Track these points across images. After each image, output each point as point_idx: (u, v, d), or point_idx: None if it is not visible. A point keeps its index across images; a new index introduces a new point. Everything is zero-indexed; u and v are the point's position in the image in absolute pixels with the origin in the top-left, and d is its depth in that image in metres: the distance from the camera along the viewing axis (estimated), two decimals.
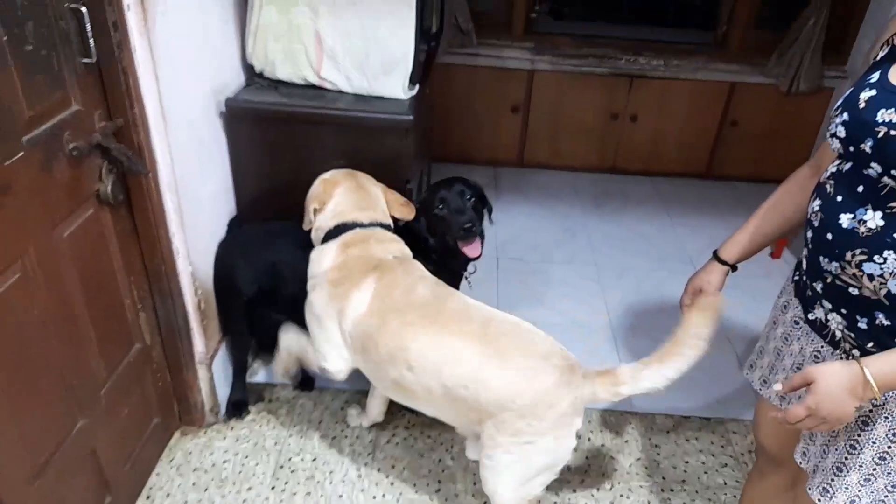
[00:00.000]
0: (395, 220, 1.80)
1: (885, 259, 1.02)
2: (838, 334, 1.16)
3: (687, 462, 2.07)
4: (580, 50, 3.54)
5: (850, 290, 1.09)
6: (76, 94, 1.38)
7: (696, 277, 1.48)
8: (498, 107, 3.70)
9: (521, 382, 1.40)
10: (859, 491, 1.15)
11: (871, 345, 1.10)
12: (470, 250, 1.84)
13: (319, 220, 1.71)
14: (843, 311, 1.13)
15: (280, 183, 2.03)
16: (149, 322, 1.79)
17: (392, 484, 1.95)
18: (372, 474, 1.98)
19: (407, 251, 1.71)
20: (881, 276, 1.03)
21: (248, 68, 2.08)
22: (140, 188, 1.61)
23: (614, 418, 2.21)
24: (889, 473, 1.12)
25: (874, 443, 1.13)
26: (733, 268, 1.45)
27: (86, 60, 1.38)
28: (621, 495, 1.95)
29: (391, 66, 1.91)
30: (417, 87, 2.02)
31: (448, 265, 1.91)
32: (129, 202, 1.63)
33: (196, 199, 1.84)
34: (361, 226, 1.67)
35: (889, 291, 1.04)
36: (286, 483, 1.93)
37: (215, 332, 2.05)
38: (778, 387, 1.11)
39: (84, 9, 1.34)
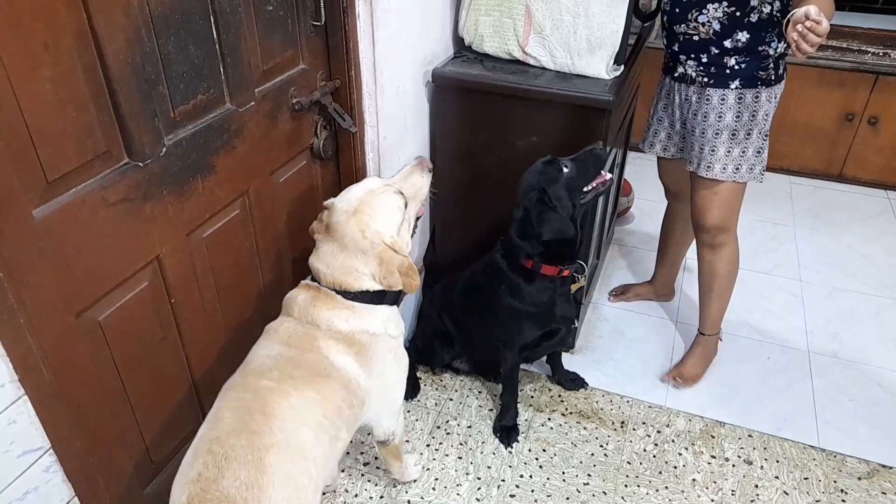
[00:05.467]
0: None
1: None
2: (693, 75, 1.86)
3: None
4: None
5: (694, 38, 1.79)
6: (304, 54, 1.52)
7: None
8: None
9: None
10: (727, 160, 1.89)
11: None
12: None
13: None
14: (692, 56, 1.82)
15: (473, 156, 2.08)
16: None
17: (541, 467, 1.94)
18: (522, 453, 1.99)
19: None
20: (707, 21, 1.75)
21: (458, 41, 2.14)
22: (348, 146, 1.74)
23: (795, 450, 1.99)
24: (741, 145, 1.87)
25: (727, 125, 1.86)
26: None
27: (315, 23, 1.51)
28: None
29: (597, 44, 1.85)
30: (622, 68, 1.94)
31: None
32: (336, 158, 1.77)
33: (395, 161, 1.94)
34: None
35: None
36: (440, 443, 2.01)
37: None
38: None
39: None
